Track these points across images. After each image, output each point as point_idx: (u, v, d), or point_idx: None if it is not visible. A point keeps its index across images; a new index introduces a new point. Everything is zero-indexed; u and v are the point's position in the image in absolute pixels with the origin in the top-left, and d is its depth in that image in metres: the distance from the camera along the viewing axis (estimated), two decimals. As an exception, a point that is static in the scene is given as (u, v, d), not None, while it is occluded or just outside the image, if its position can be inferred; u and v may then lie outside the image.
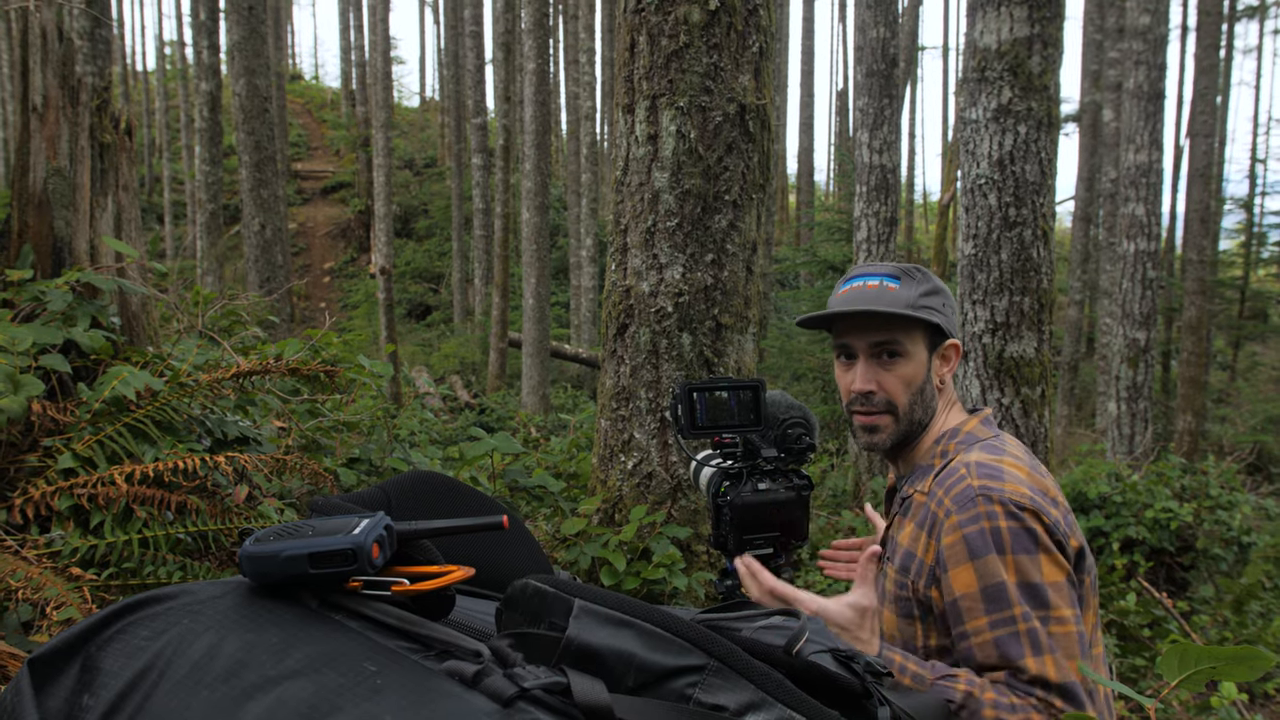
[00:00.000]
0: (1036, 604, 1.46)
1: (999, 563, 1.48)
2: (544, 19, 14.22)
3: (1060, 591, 1.47)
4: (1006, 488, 1.51)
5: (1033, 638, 1.45)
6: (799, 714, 0.73)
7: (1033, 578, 1.47)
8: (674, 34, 3.63)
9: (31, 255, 2.96)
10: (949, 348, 1.73)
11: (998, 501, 1.50)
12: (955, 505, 1.54)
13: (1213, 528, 6.03)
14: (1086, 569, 1.56)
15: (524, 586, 0.77)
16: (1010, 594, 1.47)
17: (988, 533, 1.49)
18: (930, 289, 1.69)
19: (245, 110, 10.39)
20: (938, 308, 1.68)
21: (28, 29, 3.00)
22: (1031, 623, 1.46)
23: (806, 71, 30.40)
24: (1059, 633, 1.45)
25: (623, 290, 3.78)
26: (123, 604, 0.81)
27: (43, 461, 2.53)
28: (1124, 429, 10.07)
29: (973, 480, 1.54)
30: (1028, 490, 1.52)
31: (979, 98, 4.85)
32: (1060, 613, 1.46)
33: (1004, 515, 1.49)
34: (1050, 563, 1.48)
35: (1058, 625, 1.46)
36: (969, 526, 1.51)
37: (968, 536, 1.51)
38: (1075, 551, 1.54)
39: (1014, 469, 1.56)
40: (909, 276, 1.69)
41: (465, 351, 19.93)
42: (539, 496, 4.34)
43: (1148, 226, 10.17)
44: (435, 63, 42.38)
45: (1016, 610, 1.47)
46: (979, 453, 1.61)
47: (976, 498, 1.52)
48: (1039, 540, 1.48)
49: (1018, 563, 1.47)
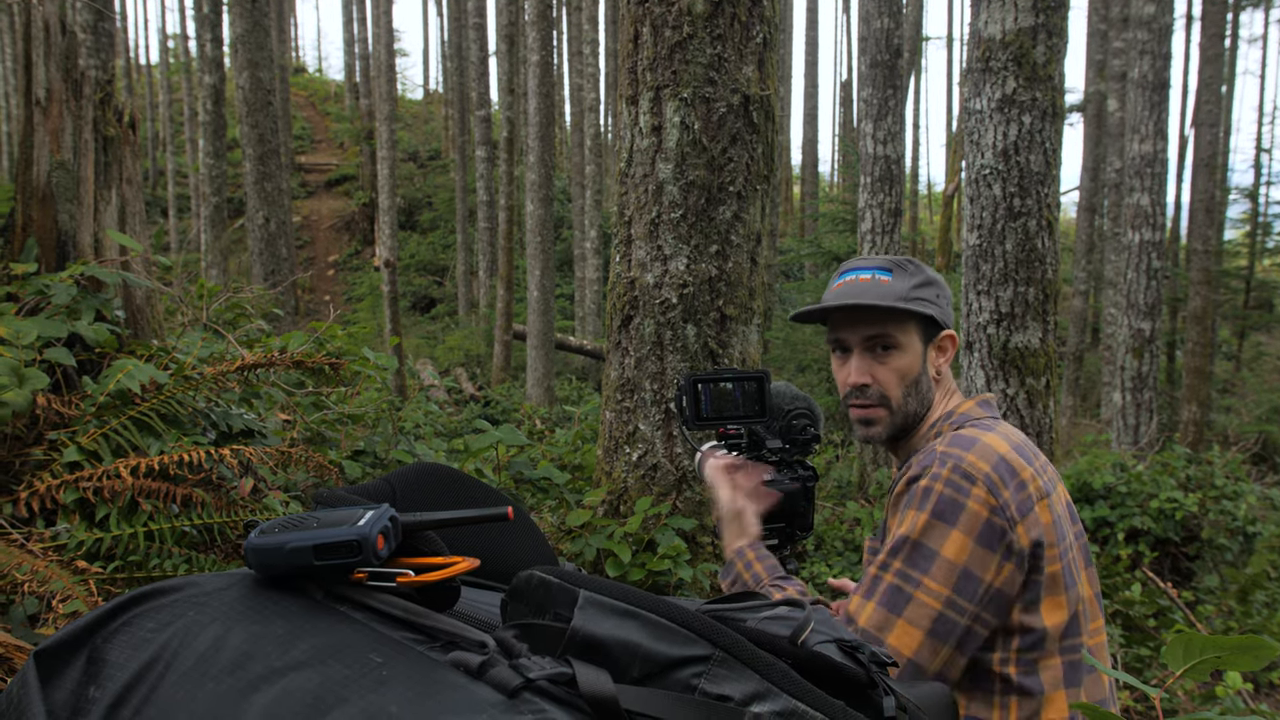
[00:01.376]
0: (910, 563, 1.47)
1: (911, 516, 1.50)
2: (547, 10, 14.19)
3: (950, 570, 1.46)
4: (967, 457, 1.51)
5: (875, 583, 1.48)
6: (804, 704, 0.73)
7: (928, 542, 1.47)
8: (677, 25, 3.62)
9: (35, 249, 2.97)
10: (944, 339, 1.73)
11: (950, 468, 1.50)
12: (917, 464, 1.56)
13: (1218, 518, 6.02)
14: (1050, 558, 1.52)
15: (529, 578, 0.77)
16: (893, 543, 1.50)
17: (923, 490, 1.51)
18: (923, 280, 1.69)
19: (249, 103, 10.39)
20: (931, 299, 1.68)
21: (31, 22, 3.00)
22: (886, 574, 1.48)
23: (810, 62, 30.32)
24: (916, 598, 1.45)
25: (627, 282, 3.78)
26: (128, 596, 0.81)
27: (48, 455, 2.53)
28: (1129, 419, 10.06)
29: (940, 446, 1.56)
30: (987, 466, 1.50)
31: (983, 88, 4.83)
32: (930, 585, 1.45)
33: (945, 482, 1.50)
34: (957, 542, 1.47)
35: (919, 591, 1.45)
36: (917, 481, 1.53)
37: (910, 491, 1.54)
38: (1026, 545, 1.49)
39: (991, 444, 1.54)
40: (901, 269, 1.69)
41: (470, 344, 19.94)
42: (544, 488, 4.34)
43: (1153, 216, 10.14)
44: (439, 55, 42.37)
45: (883, 557, 1.50)
46: (966, 429, 1.62)
47: (934, 459, 1.53)
48: (962, 516, 1.47)
49: (927, 524, 1.48)
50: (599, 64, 23.06)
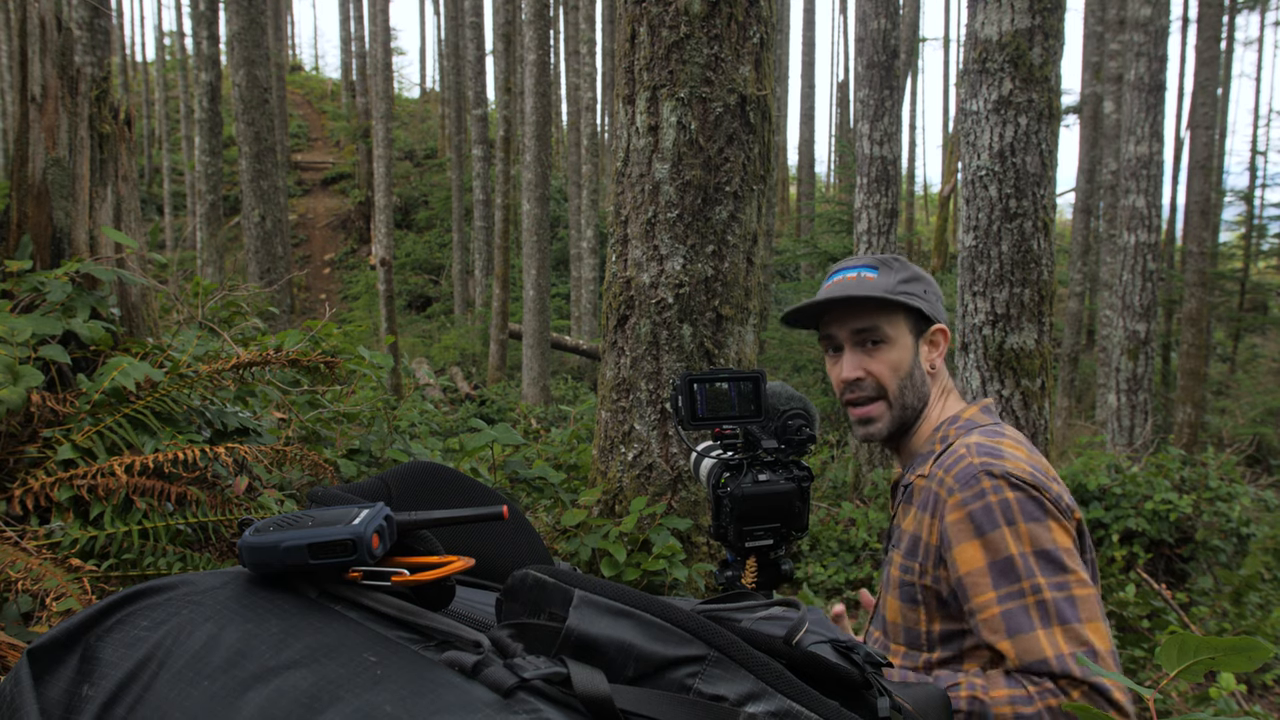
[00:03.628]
0: (1053, 570, 1.45)
1: (1009, 534, 1.47)
2: (544, 10, 14.18)
3: (1074, 557, 1.47)
4: (1008, 464, 1.52)
5: (1042, 609, 1.43)
6: (799, 704, 0.73)
7: (1046, 544, 1.46)
8: (675, 25, 3.62)
9: (31, 246, 2.96)
10: (935, 333, 1.73)
11: (1000, 476, 1.50)
12: (957, 483, 1.54)
13: (1212, 519, 6.03)
14: (1087, 548, 1.57)
15: (524, 577, 0.77)
16: (1020, 565, 1.46)
17: (994, 506, 1.49)
18: (908, 276, 1.71)
19: (245, 101, 10.37)
20: (918, 293, 1.70)
21: (26, 19, 2.99)
22: (1042, 594, 1.44)
23: (807, 63, 30.33)
24: (1081, 595, 1.44)
25: (623, 281, 3.78)
26: (122, 594, 0.81)
27: (42, 453, 2.53)
28: (1124, 421, 10.08)
29: (974, 459, 1.54)
30: (1028, 467, 1.53)
31: (980, 89, 4.83)
32: (1079, 575, 1.46)
33: (1009, 487, 1.49)
34: (1060, 529, 1.48)
35: (1080, 588, 1.45)
36: (974, 503, 1.51)
37: (973, 513, 1.51)
38: (1076, 527, 1.54)
39: (1013, 449, 1.57)
40: (887, 266, 1.71)
41: (465, 343, 19.93)
42: (539, 488, 4.34)
43: (1148, 218, 10.16)
44: (435, 54, 42.30)
45: (1026, 583, 1.45)
46: (979, 436, 1.61)
47: (979, 474, 1.52)
48: (1046, 508, 1.48)
49: (1031, 531, 1.47)
50: (596, 63, 23.05)
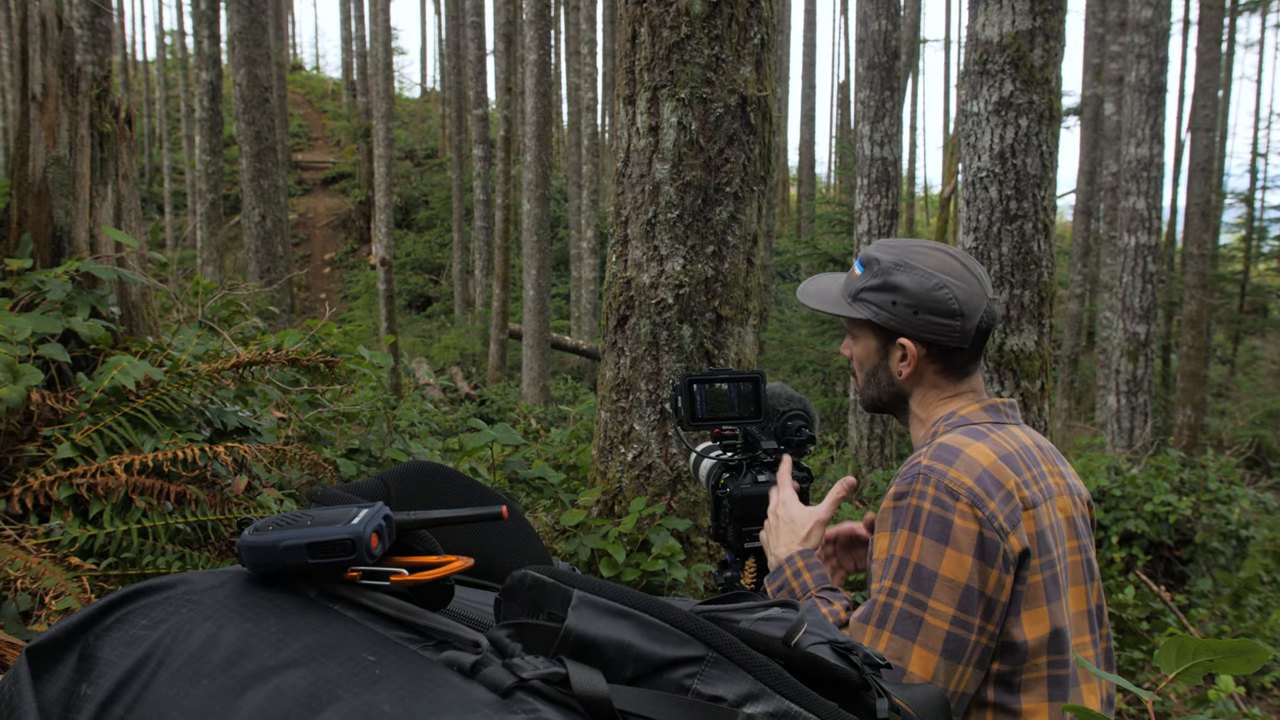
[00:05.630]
0: (915, 586, 1.46)
1: (905, 537, 1.49)
2: (545, 10, 14.18)
3: (952, 589, 1.44)
4: (950, 472, 1.49)
5: (885, 611, 1.47)
6: (797, 705, 0.73)
7: (928, 564, 1.46)
8: (675, 25, 3.62)
9: (31, 244, 2.96)
10: (899, 345, 1.63)
11: (934, 484, 1.49)
12: (900, 477, 1.55)
13: (1211, 521, 6.04)
14: (1034, 569, 1.50)
15: (523, 577, 0.77)
16: (895, 567, 1.48)
17: (908, 508, 1.50)
18: (878, 284, 1.62)
19: (246, 100, 10.38)
20: (878, 303, 1.62)
21: (27, 17, 2.99)
22: (895, 600, 1.46)
23: (808, 64, 30.33)
24: (931, 624, 1.44)
25: (623, 282, 3.78)
26: (121, 593, 0.81)
27: (42, 451, 2.53)
28: (1123, 422, 10.08)
29: (924, 459, 1.53)
30: (970, 480, 1.48)
31: (980, 91, 4.84)
32: (936, 607, 1.44)
33: (931, 499, 1.48)
34: (954, 561, 1.45)
35: (928, 614, 1.44)
36: (899, 500, 1.52)
37: (895, 508, 1.52)
38: (1018, 552, 1.48)
39: (975, 456, 1.51)
40: (869, 265, 1.65)
41: (465, 343, 19.93)
42: (538, 488, 4.34)
43: (1148, 220, 10.16)
44: (436, 53, 42.29)
45: (888, 583, 1.48)
46: (955, 434, 1.58)
47: (918, 475, 1.51)
48: (953, 535, 1.45)
49: (922, 545, 1.47)
50: (596, 64, 23.06)
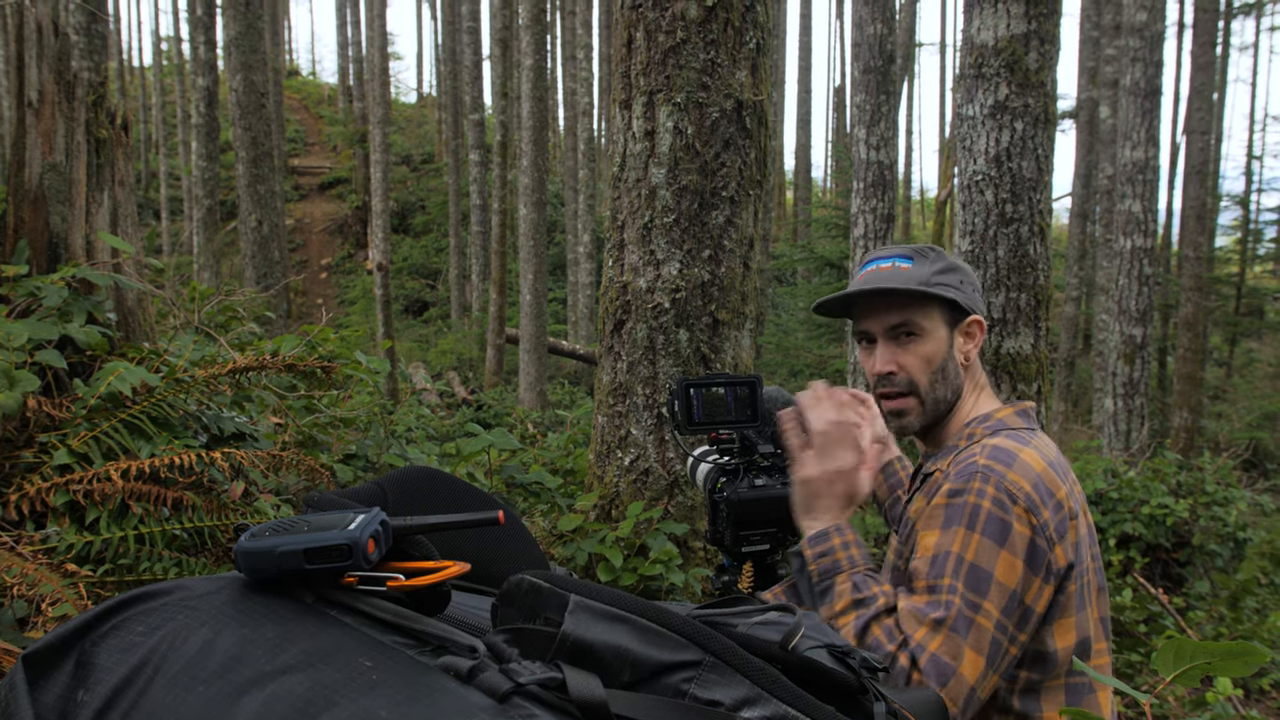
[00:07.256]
0: (973, 588, 1.43)
1: (962, 535, 1.47)
2: (541, 15, 14.20)
3: (1002, 593, 1.44)
4: (1009, 475, 1.49)
5: (945, 609, 1.43)
6: (794, 709, 0.73)
7: (983, 565, 1.44)
8: (671, 30, 3.63)
9: (27, 251, 2.96)
10: (971, 324, 1.69)
11: (994, 484, 1.48)
12: (955, 475, 1.53)
13: (1208, 524, 6.04)
14: (1073, 579, 1.51)
15: (519, 582, 0.77)
16: (951, 564, 1.46)
17: (967, 506, 1.48)
18: (945, 267, 1.66)
19: (242, 106, 10.37)
20: (954, 284, 1.65)
21: (23, 23, 2.99)
22: (954, 598, 1.43)
23: (804, 68, 30.38)
24: (977, 622, 1.42)
25: (620, 286, 3.78)
26: (118, 600, 0.81)
27: (38, 458, 2.52)
28: (1120, 425, 10.09)
29: (981, 459, 1.53)
30: (1028, 485, 1.48)
31: (976, 94, 4.84)
32: (988, 609, 1.43)
33: (992, 499, 1.47)
34: (1007, 564, 1.45)
35: (980, 616, 1.42)
36: (955, 497, 1.50)
37: (949, 505, 1.50)
38: (1063, 566, 1.49)
39: (1030, 461, 1.52)
40: (922, 255, 1.67)
41: (462, 348, 19.92)
42: (536, 493, 4.34)
43: (1144, 223, 10.18)
44: (433, 59, 42.31)
45: (945, 580, 1.45)
46: (1003, 438, 1.58)
47: (976, 473, 1.50)
48: (1010, 539, 1.45)
49: (979, 545, 1.45)
50: (593, 68, 23.05)
